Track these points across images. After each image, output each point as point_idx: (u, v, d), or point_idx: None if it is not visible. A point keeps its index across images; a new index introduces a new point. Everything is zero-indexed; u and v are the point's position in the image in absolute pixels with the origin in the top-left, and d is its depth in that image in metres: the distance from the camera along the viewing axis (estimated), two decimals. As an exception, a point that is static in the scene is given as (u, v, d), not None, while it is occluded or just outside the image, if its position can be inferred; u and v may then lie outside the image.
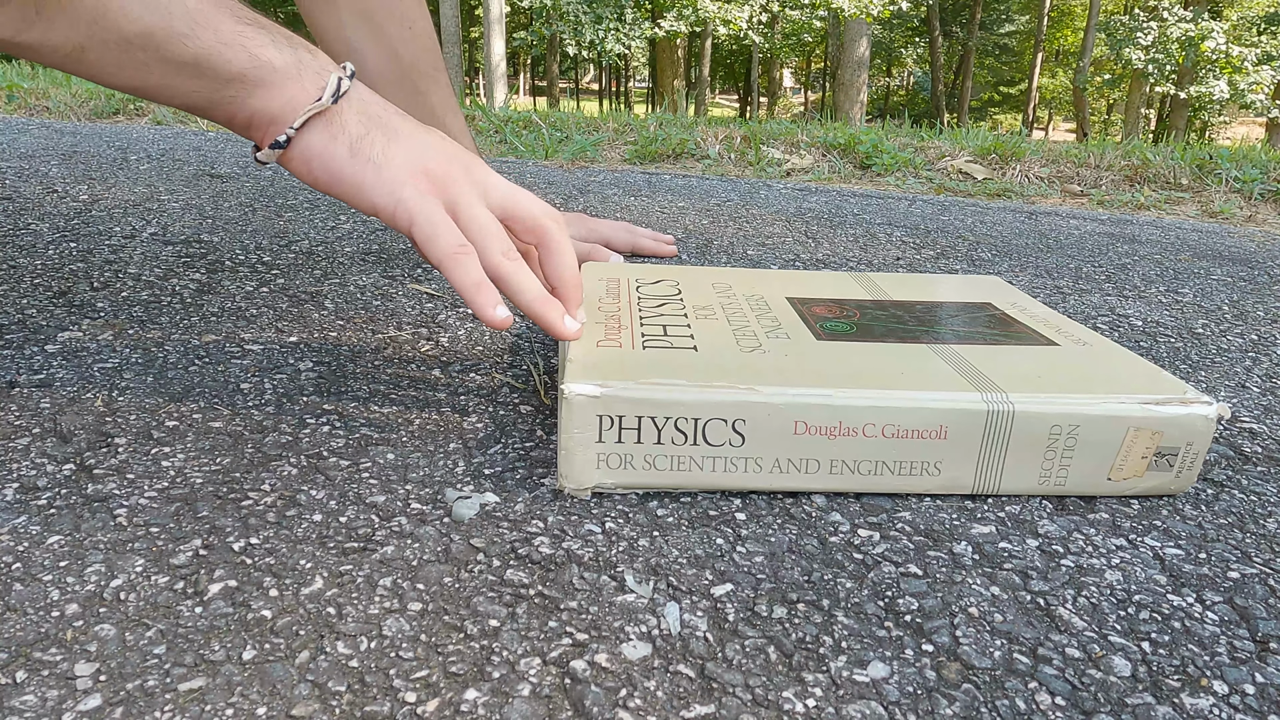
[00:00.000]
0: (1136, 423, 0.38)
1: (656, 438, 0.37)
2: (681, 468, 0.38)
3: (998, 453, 0.39)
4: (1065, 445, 0.39)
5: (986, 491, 0.39)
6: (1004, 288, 0.58)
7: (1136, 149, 1.82)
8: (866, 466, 0.38)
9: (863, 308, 0.51)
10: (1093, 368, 0.42)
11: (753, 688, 0.27)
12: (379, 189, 0.37)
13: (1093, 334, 0.48)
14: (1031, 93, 14.43)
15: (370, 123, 0.38)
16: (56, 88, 2.48)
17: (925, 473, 0.39)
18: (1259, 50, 10.50)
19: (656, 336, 0.44)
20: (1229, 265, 1.00)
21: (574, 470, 0.38)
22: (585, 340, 0.43)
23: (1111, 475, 0.39)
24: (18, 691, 0.25)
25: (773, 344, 0.44)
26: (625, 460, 0.38)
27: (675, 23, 9.91)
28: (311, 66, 0.37)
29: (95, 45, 0.33)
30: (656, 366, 0.39)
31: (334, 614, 0.29)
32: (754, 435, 0.38)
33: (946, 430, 0.38)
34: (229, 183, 1.16)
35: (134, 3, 0.33)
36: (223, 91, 0.36)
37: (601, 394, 0.37)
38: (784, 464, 0.38)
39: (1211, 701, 0.28)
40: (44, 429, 0.42)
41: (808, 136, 1.89)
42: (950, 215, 1.25)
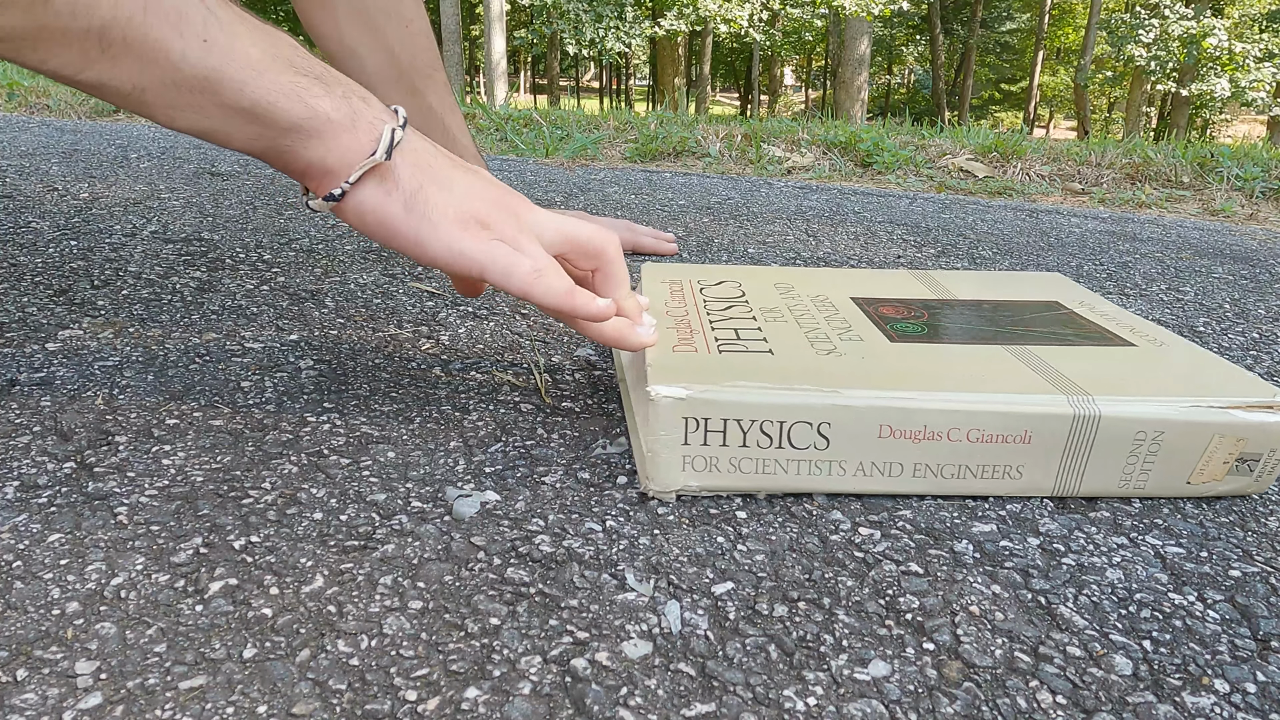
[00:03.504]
0: (1222, 429, 0.38)
1: (742, 440, 0.37)
2: (766, 471, 0.38)
3: (1080, 457, 0.38)
4: (1149, 450, 0.38)
5: (1066, 494, 0.39)
6: (1069, 285, 0.58)
7: (1138, 147, 1.81)
8: (950, 470, 0.38)
9: (930, 308, 0.51)
10: (1176, 370, 0.42)
11: (753, 686, 0.27)
12: (436, 244, 0.37)
13: (1168, 333, 0.48)
14: (1032, 91, 14.42)
15: (423, 174, 0.38)
16: (57, 86, 2.48)
17: (1007, 476, 0.39)
18: (1260, 48, 10.49)
19: (730, 340, 0.44)
20: (1230, 263, 1.00)
21: (659, 473, 0.38)
22: (661, 345, 0.43)
23: (1191, 479, 0.39)
24: (18, 689, 0.25)
25: (847, 346, 0.44)
26: (710, 463, 0.38)
27: (676, 21, 9.91)
28: (366, 117, 0.37)
29: (154, 87, 0.33)
30: (737, 370, 0.39)
31: (334, 612, 0.29)
32: (838, 439, 0.38)
33: (1031, 435, 0.38)
34: (229, 181, 1.16)
35: (194, 48, 0.33)
36: (279, 140, 0.36)
37: (688, 396, 0.37)
38: (868, 467, 0.38)
39: (1213, 700, 0.28)
40: (44, 427, 0.42)
41: (808, 134, 1.89)
42: (951, 213, 1.25)
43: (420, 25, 0.72)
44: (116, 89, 0.33)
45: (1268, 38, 10.83)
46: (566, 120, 2.04)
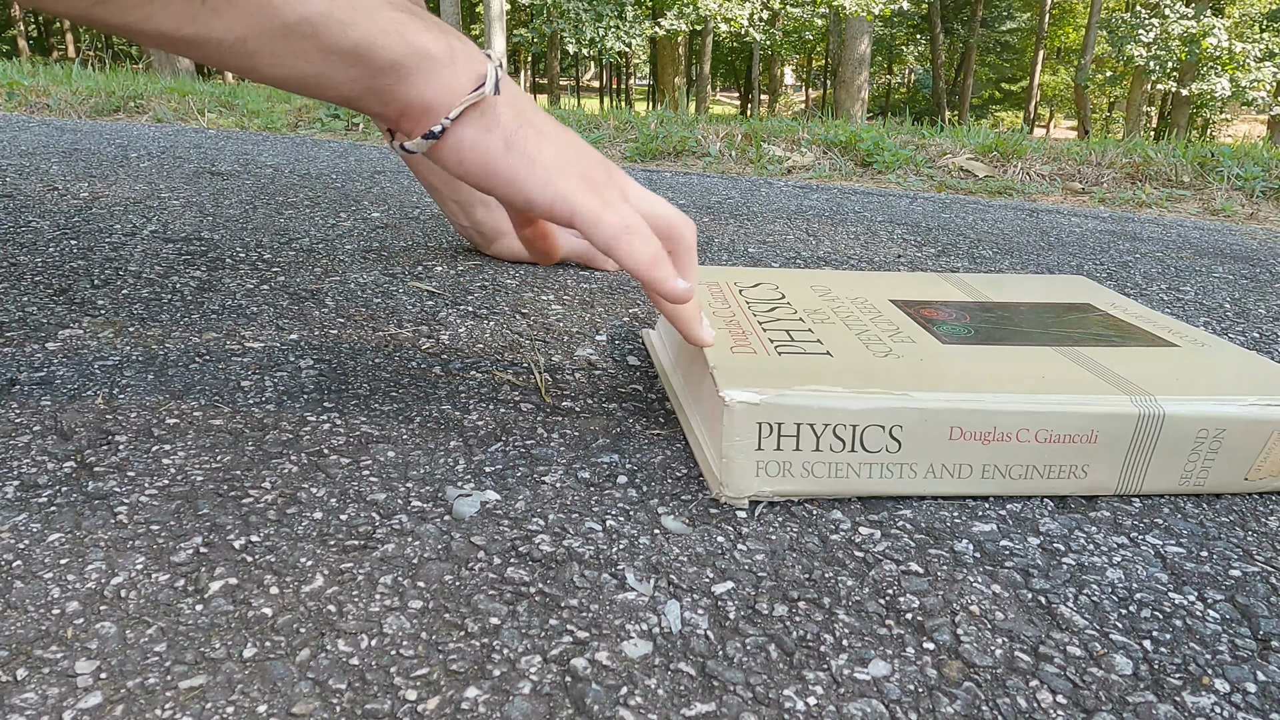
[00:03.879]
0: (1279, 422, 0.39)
1: (815, 445, 0.37)
2: (839, 475, 0.38)
3: (1144, 455, 0.39)
4: (1210, 448, 0.39)
5: (1129, 492, 0.40)
6: (1096, 287, 0.58)
7: (1138, 146, 1.81)
8: (1018, 470, 0.39)
9: (969, 310, 0.52)
10: (1228, 369, 0.43)
11: (754, 686, 0.27)
12: (533, 183, 0.36)
13: (1203, 332, 0.49)
14: (1033, 90, 14.41)
15: (520, 117, 0.37)
16: (57, 85, 2.48)
17: (1073, 475, 0.39)
18: (1261, 47, 10.48)
19: (785, 342, 0.44)
20: (1230, 263, 1.00)
21: (734, 479, 0.37)
22: (719, 346, 0.43)
23: (1249, 475, 0.40)
24: (18, 689, 0.25)
25: (902, 348, 0.44)
26: (784, 468, 0.38)
27: (676, 21, 9.90)
28: (463, 54, 0.36)
29: (256, 35, 0.32)
30: (800, 372, 0.39)
31: (334, 612, 0.29)
32: (910, 441, 0.38)
33: (1097, 435, 0.38)
34: (229, 180, 1.16)
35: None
36: (378, 80, 0.35)
37: (761, 401, 0.37)
38: (938, 469, 0.38)
39: (1213, 700, 0.28)
40: (45, 426, 0.42)
41: (809, 134, 1.89)
42: (951, 213, 1.25)
43: None
44: (219, 41, 0.32)
45: (1268, 37, 10.82)
46: (567, 120, 2.04)
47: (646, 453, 0.42)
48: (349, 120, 2.12)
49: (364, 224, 0.92)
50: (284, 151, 1.53)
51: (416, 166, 0.76)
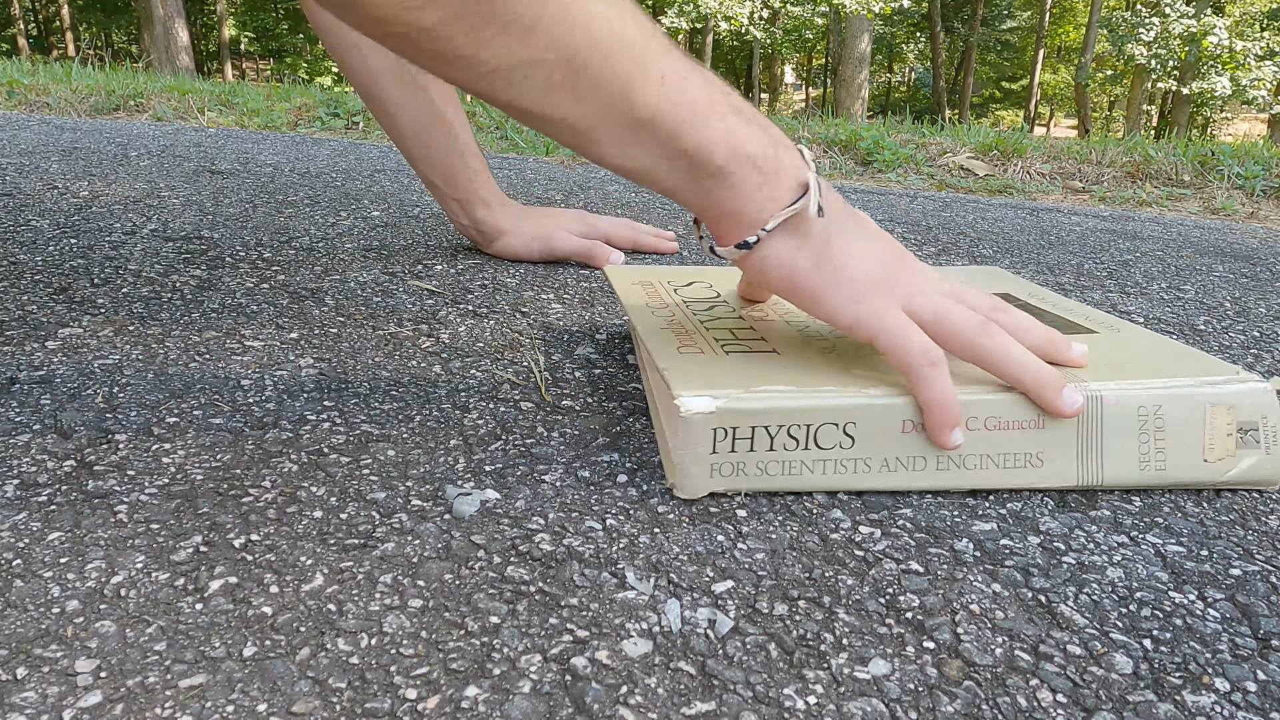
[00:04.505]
0: (1210, 399, 0.39)
1: (769, 445, 0.37)
2: (793, 472, 0.38)
3: (1094, 440, 0.39)
4: (1155, 428, 0.39)
5: (1092, 484, 0.40)
6: (1011, 277, 0.58)
7: (1138, 145, 1.81)
8: (973, 461, 0.39)
9: None
10: (1139, 352, 0.43)
11: (754, 685, 0.27)
12: (836, 303, 0.37)
13: (1116, 318, 0.49)
14: (1033, 89, 14.40)
15: (830, 228, 0.37)
16: (57, 84, 2.48)
17: (1029, 464, 0.39)
18: (1261, 46, 10.48)
19: (729, 340, 0.44)
20: (1231, 262, 1.00)
21: (688, 482, 0.38)
22: (665, 346, 0.43)
23: (1207, 456, 0.40)
24: (18, 688, 0.25)
25: (840, 341, 0.44)
26: (738, 468, 0.38)
27: (676, 18, 9.89)
28: (789, 165, 0.36)
29: (607, 124, 0.34)
30: (749, 372, 0.39)
31: (334, 611, 0.29)
32: (864, 437, 0.38)
33: (1044, 419, 0.38)
34: (229, 179, 1.16)
35: (654, 86, 0.33)
36: (702, 183, 0.36)
37: (717, 408, 0.37)
38: (892, 463, 0.38)
39: (1213, 699, 0.28)
40: (44, 425, 0.42)
41: (809, 133, 1.89)
42: (952, 212, 1.25)
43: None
44: (573, 124, 0.34)
45: (1268, 36, 10.82)
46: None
47: (646, 451, 0.42)
48: (349, 119, 2.11)
49: (364, 223, 0.92)
50: (284, 150, 1.53)
51: (417, 164, 0.76)
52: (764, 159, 0.35)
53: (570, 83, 0.32)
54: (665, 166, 0.35)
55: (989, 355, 0.37)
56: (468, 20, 0.30)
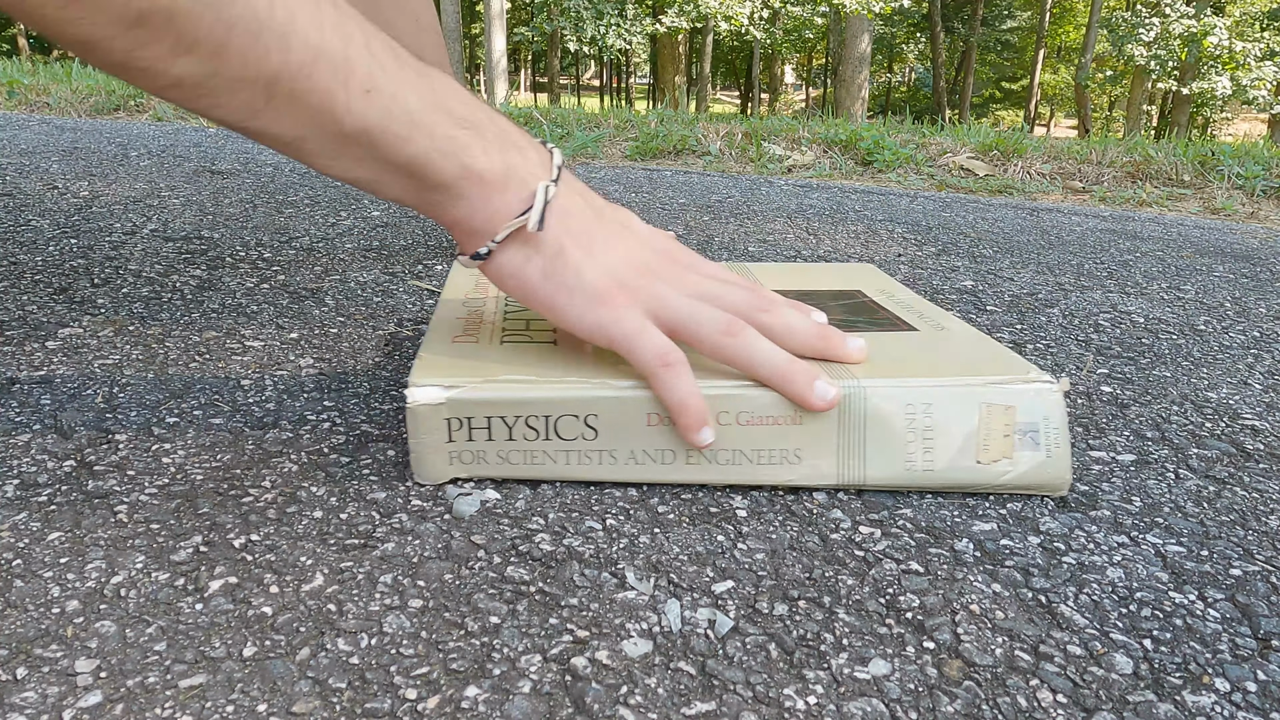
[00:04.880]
0: (987, 396, 0.38)
1: (508, 435, 0.37)
2: (535, 462, 0.38)
3: (856, 438, 0.38)
4: (923, 426, 0.38)
5: (852, 482, 0.39)
6: (877, 275, 0.58)
7: (1138, 145, 1.81)
8: (725, 456, 0.38)
9: None
10: (946, 351, 0.42)
11: (754, 685, 0.27)
12: (569, 311, 0.37)
13: (954, 320, 0.48)
14: (1033, 89, 14.41)
15: (567, 236, 0.36)
16: (57, 84, 2.48)
17: (786, 461, 0.38)
18: (1261, 46, 10.48)
19: (519, 330, 0.44)
20: (1231, 262, 1.00)
21: (426, 470, 0.38)
22: (441, 336, 0.43)
23: (980, 457, 0.39)
24: (18, 688, 0.25)
25: None
26: (478, 456, 0.38)
27: (676, 18, 9.90)
28: (519, 173, 0.36)
29: (315, 137, 0.33)
30: (508, 364, 0.39)
31: (334, 611, 0.29)
32: (606, 429, 0.37)
33: (801, 415, 0.38)
34: (229, 179, 1.16)
35: (358, 100, 0.33)
36: (428, 195, 0.36)
37: (448, 399, 0.37)
38: (639, 455, 0.38)
39: (1213, 699, 0.28)
40: (45, 425, 0.42)
41: (809, 133, 1.89)
42: (952, 212, 1.25)
43: (429, 21, 0.72)
44: (278, 136, 0.33)
45: (1268, 36, 10.82)
46: (567, 118, 2.04)
47: (646, 452, 0.42)
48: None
49: (364, 223, 0.92)
50: (284, 150, 1.53)
51: None
52: (490, 171, 0.35)
53: (272, 102, 0.32)
54: (387, 179, 0.35)
55: (732, 355, 0.37)
56: (136, 36, 0.29)
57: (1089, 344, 0.64)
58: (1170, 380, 0.57)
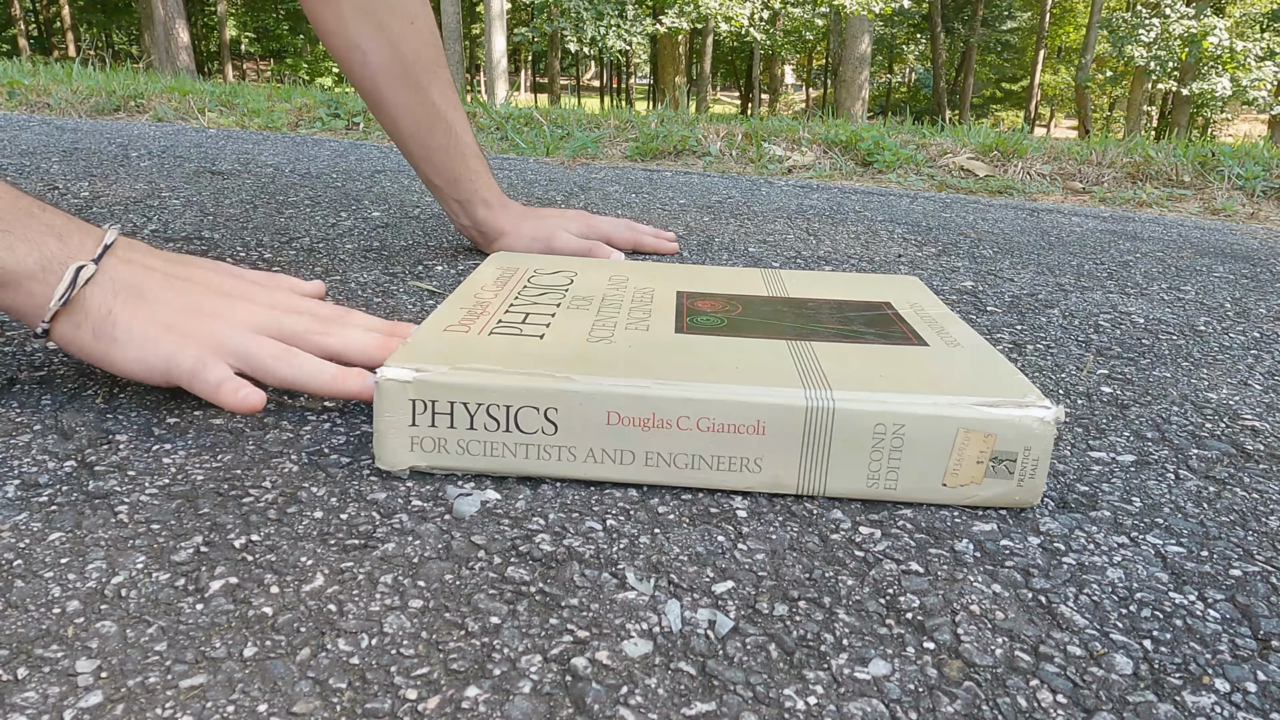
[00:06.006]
0: (966, 423, 0.37)
1: (469, 423, 0.37)
2: (494, 454, 0.38)
3: (820, 451, 0.37)
4: (892, 445, 0.37)
5: (811, 492, 0.38)
6: (917, 288, 0.57)
7: (1138, 146, 1.81)
8: (683, 460, 0.38)
9: (748, 303, 0.51)
10: (946, 368, 0.41)
11: (754, 685, 0.27)
12: (125, 362, 0.41)
13: (974, 337, 0.47)
14: (1033, 89, 14.41)
15: (114, 299, 0.41)
16: (57, 84, 2.48)
17: (745, 469, 0.38)
18: (1261, 46, 10.48)
19: (512, 324, 0.44)
20: (1231, 262, 1.00)
21: (386, 452, 0.38)
22: (434, 324, 0.43)
23: (946, 480, 0.38)
24: (19, 688, 0.25)
25: (625, 335, 0.43)
26: (439, 444, 0.38)
27: (676, 19, 9.90)
28: (58, 260, 0.40)
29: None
30: (483, 354, 0.39)
31: (335, 611, 0.29)
32: (566, 424, 0.37)
33: (764, 425, 0.37)
34: (230, 179, 1.16)
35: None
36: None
37: (414, 379, 0.37)
38: (598, 453, 0.38)
39: (1213, 699, 0.28)
40: (45, 425, 0.42)
41: (809, 133, 1.89)
42: (952, 212, 1.25)
43: (425, 21, 0.72)
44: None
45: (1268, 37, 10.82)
46: (567, 119, 2.04)
47: (647, 452, 0.42)
48: (349, 119, 2.12)
49: (364, 223, 0.92)
50: (284, 151, 1.53)
51: (417, 165, 0.76)
52: (18, 264, 0.40)
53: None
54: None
55: (286, 376, 0.42)
56: None
57: (1089, 344, 0.64)
58: (1170, 381, 0.57)
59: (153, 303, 0.42)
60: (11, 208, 0.41)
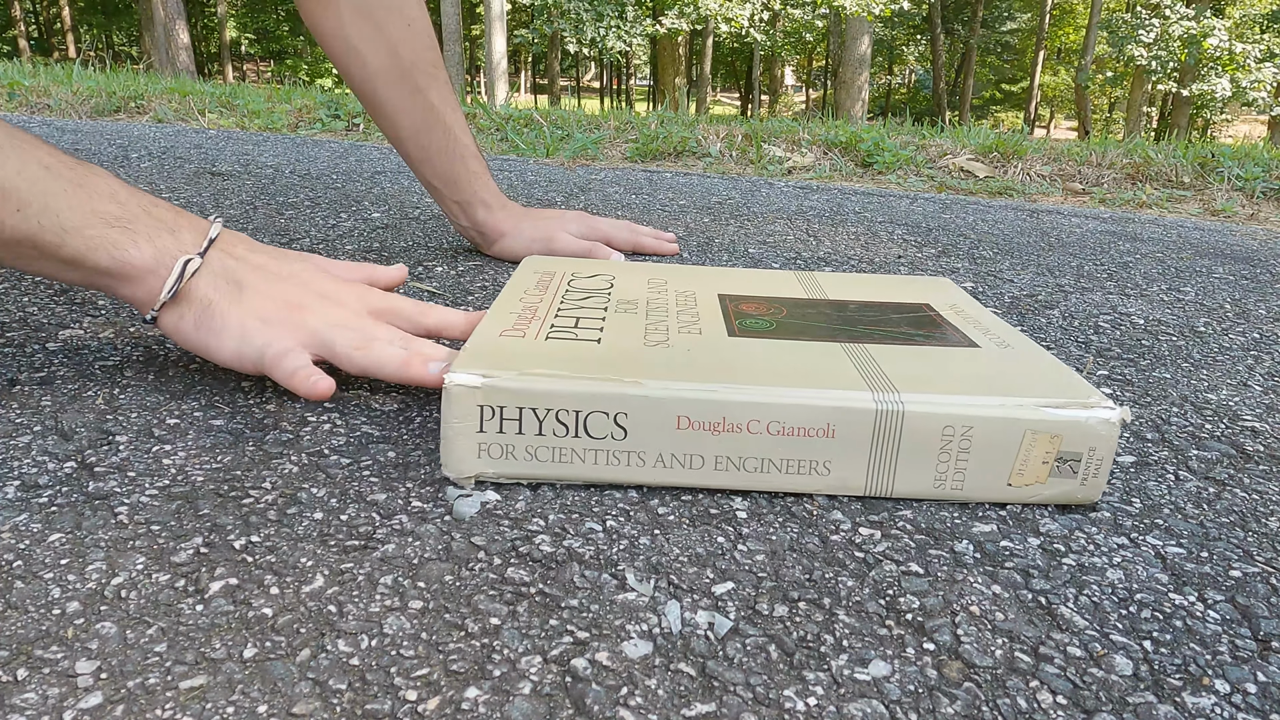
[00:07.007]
0: (1033, 425, 0.37)
1: (538, 429, 0.37)
2: (563, 460, 0.38)
3: (889, 453, 0.38)
4: (959, 447, 0.37)
5: (879, 494, 0.39)
6: (950, 290, 0.57)
7: (1138, 147, 1.81)
8: (753, 464, 0.38)
9: (791, 306, 0.51)
10: (1003, 369, 0.41)
11: (754, 686, 0.27)
12: (221, 352, 0.44)
13: (1021, 337, 0.47)
14: (1033, 90, 14.41)
15: (215, 291, 0.44)
16: (58, 85, 2.48)
17: (814, 472, 0.38)
18: (1261, 48, 10.49)
19: (565, 329, 0.44)
20: (1231, 263, 1.00)
21: (453, 459, 0.38)
22: (489, 329, 0.43)
23: (1012, 480, 0.38)
24: (19, 689, 0.25)
25: (681, 339, 0.43)
26: (507, 451, 0.38)
27: (676, 20, 9.91)
28: (170, 254, 0.43)
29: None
30: (547, 358, 0.39)
31: (335, 612, 0.29)
32: (636, 429, 0.37)
33: (834, 429, 0.37)
34: (230, 180, 1.16)
35: (9, 216, 0.39)
36: (98, 280, 0.43)
37: (483, 384, 0.37)
38: (667, 458, 0.38)
39: (1213, 700, 0.28)
40: (45, 426, 0.42)
41: (809, 134, 1.89)
42: (952, 213, 1.25)
43: (422, 24, 0.72)
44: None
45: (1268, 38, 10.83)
46: (567, 120, 2.04)
47: (647, 453, 0.42)
48: (349, 120, 2.12)
49: (364, 224, 0.92)
50: (284, 152, 1.53)
51: (416, 167, 0.76)
52: (142, 259, 0.42)
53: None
54: (59, 271, 0.42)
55: (363, 363, 0.44)
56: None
57: (1089, 345, 0.64)
58: (1170, 382, 0.57)
59: (250, 295, 0.44)
60: (134, 206, 0.43)
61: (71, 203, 0.41)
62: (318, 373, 0.43)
